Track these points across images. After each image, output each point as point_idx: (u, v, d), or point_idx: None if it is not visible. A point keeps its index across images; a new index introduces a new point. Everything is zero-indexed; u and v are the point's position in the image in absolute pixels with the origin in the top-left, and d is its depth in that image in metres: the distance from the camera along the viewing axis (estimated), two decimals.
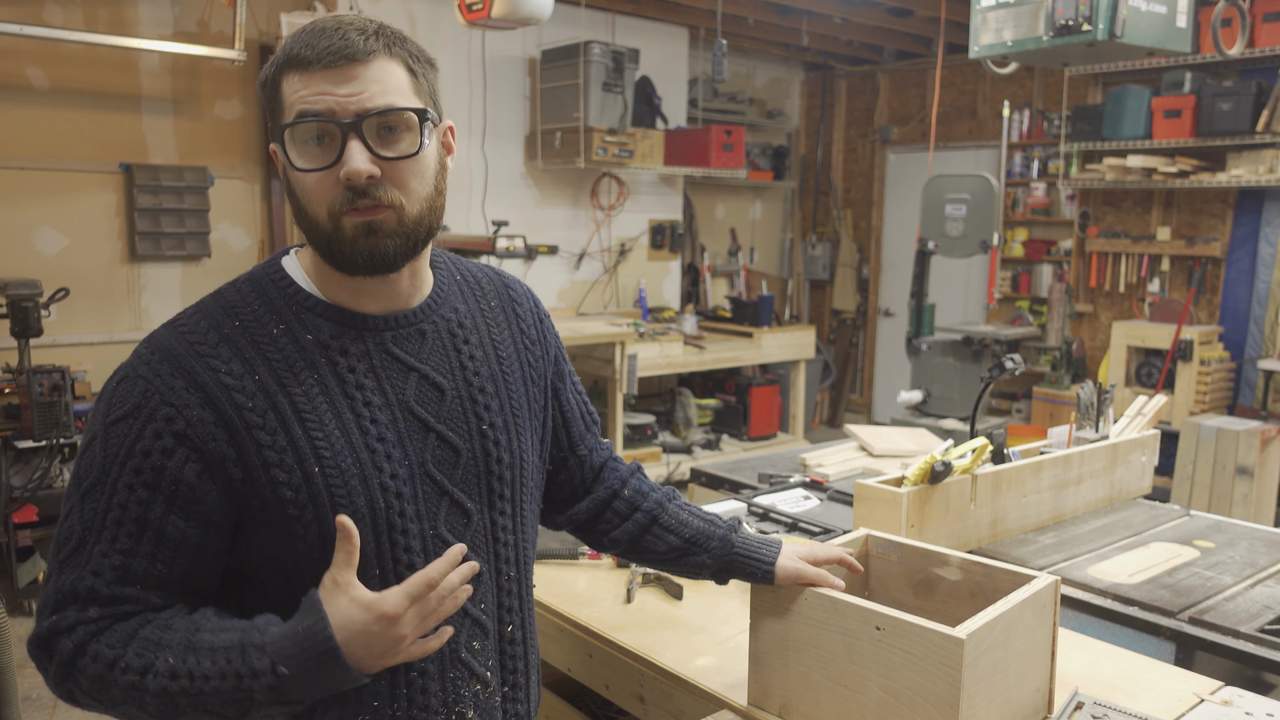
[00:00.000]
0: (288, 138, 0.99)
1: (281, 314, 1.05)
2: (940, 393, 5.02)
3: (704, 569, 1.36)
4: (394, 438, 1.06)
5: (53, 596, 0.98)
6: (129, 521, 0.96)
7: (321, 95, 0.98)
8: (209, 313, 1.04)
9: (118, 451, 0.97)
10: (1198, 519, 2.28)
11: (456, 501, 1.10)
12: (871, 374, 7.92)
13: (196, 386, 0.98)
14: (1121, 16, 2.63)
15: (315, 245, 1.04)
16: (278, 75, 1.01)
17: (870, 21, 6.15)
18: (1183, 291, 5.76)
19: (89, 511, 0.97)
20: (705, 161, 5.95)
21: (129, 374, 1.00)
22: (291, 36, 1.01)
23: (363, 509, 1.02)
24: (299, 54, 0.99)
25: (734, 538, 1.35)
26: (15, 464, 4.01)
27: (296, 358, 1.03)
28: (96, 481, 0.97)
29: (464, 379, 1.13)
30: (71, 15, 4.71)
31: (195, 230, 5.11)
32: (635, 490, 1.39)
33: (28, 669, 3.50)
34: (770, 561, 1.32)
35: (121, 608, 0.97)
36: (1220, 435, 4.88)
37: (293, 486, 0.99)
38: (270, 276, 1.08)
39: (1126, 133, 5.51)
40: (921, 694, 1.16)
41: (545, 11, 3.72)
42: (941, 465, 1.81)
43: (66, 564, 0.98)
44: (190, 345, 1.01)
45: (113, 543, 0.96)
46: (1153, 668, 1.50)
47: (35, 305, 4.01)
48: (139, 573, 0.97)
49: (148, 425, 0.97)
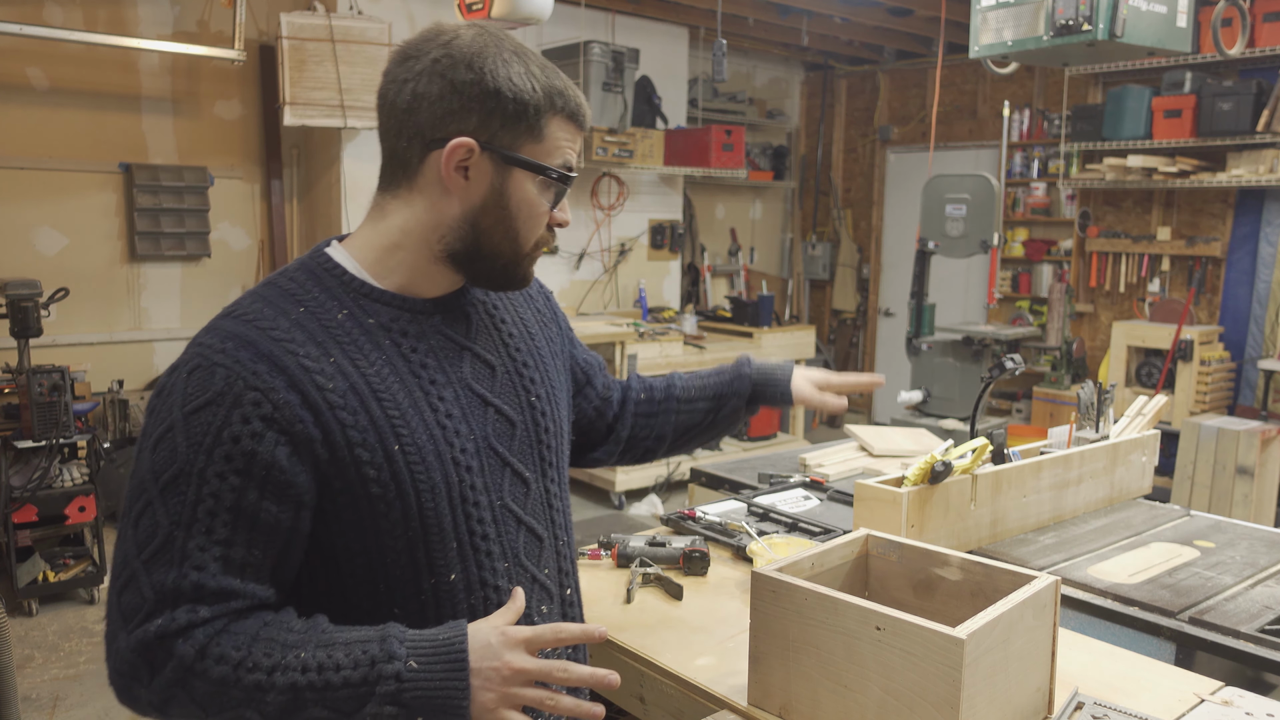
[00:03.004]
0: (540, 174, 1.07)
1: (341, 300, 1.06)
2: (940, 393, 5.02)
3: (739, 412, 1.55)
4: (459, 413, 1.09)
5: (150, 597, 0.94)
6: (224, 511, 0.95)
7: (575, 155, 1.12)
8: (270, 301, 1.04)
9: (203, 439, 0.95)
10: (1198, 519, 2.27)
11: (516, 472, 1.15)
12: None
13: (279, 370, 0.98)
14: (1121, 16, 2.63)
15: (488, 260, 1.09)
16: (549, 110, 1.06)
17: (870, 21, 6.15)
18: (1183, 291, 5.76)
19: (174, 505, 0.95)
20: (705, 161, 5.95)
21: (201, 363, 0.98)
22: (558, 84, 1.07)
23: (439, 484, 1.05)
24: (578, 111, 1.09)
25: (748, 371, 1.54)
26: (15, 464, 4.01)
27: (364, 340, 1.04)
28: (181, 472, 0.95)
29: (508, 355, 1.18)
30: (71, 15, 4.71)
31: (195, 230, 5.12)
32: (647, 387, 1.55)
33: (27, 669, 3.50)
34: (785, 382, 1.53)
35: (230, 604, 0.96)
36: (1220, 435, 4.88)
37: (375, 465, 1.01)
38: (322, 265, 1.09)
39: (1127, 133, 5.51)
40: (922, 694, 1.16)
41: (545, 11, 3.72)
42: (941, 465, 1.81)
43: (155, 562, 0.94)
44: (263, 331, 1.00)
45: (209, 534, 0.95)
46: (1153, 668, 1.50)
47: (35, 305, 4.01)
48: (239, 563, 0.96)
49: (234, 411, 0.95)
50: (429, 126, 1.03)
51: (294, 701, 0.93)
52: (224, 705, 0.94)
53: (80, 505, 4.06)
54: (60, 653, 3.65)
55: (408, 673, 0.93)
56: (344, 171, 5.10)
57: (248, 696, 0.93)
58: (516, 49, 1.05)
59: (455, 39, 1.04)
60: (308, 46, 4.68)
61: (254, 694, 0.93)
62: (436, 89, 1.02)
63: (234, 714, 0.95)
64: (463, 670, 0.94)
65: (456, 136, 1.03)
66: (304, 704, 0.93)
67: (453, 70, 1.02)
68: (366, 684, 0.93)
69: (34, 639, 3.75)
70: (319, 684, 0.93)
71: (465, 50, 1.03)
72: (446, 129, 1.03)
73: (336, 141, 5.09)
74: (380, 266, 1.09)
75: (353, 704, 0.93)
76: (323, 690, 0.93)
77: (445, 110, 1.03)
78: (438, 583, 1.06)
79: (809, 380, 1.54)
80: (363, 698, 0.93)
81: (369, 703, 0.93)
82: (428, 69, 1.03)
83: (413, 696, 0.93)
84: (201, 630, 0.94)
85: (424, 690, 0.93)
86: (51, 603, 4.09)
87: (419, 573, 1.05)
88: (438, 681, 0.94)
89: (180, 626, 0.93)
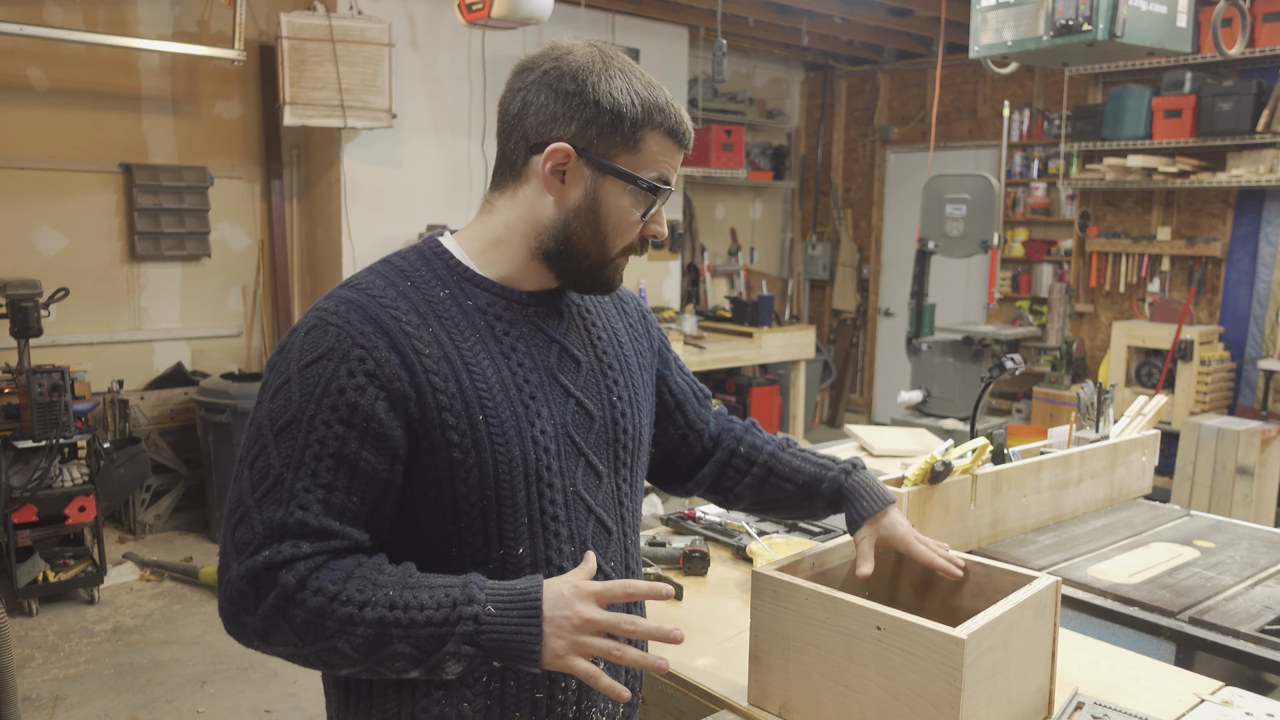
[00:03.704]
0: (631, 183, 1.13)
1: (445, 281, 1.15)
2: (940, 393, 5.02)
3: (819, 511, 1.49)
4: (542, 397, 1.15)
5: (261, 531, 1.02)
6: (328, 456, 1.03)
7: (673, 171, 1.17)
8: (382, 274, 1.13)
9: (314, 390, 1.04)
10: (1198, 519, 2.27)
11: (590, 463, 1.20)
12: (871, 374, 7.92)
13: (383, 332, 1.07)
14: (1121, 16, 2.63)
15: (576, 262, 1.16)
16: (646, 123, 1.12)
17: (870, 21, 6.15)
18: (1183, 291, 5.76)
19: (286, 448, 1.04)
20: (705, 161, 5.95)
21: (318, 323, 1.07)
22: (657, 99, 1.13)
23: (517, 458, 1.11)
24: (678, 128, 1.15)
25: (846, 482, 1.44)
26: (15, 464, 4.01)
27: (460, 318, 1.13)
28: (293, 419, 1.04)
29: (595, 355, 1.24)
30: (71, 15, 4.71)
31: (195, 230, 5.11)
32: (750, 446, 1.51)
33: (27, 669, 3.50)
34: (862, 517, 1.41)
35: (329, 543, 1.03)
36: (1220, 435, 4.88)
37: (459, 431, 1.08)
38: (433, 250, 1.18)
39: (1127, 133, 5.50)
40: (922, 694, 1.16)
41: (545, 11, 3.72)
42: (941, 465, 1.81)
43: (266, 500, 1.03)
44: (372, 298, 1.09)
45: (314, 477, 1.03)
46: (1153, 668, 1.50)
47: (35, 305, 4.01)
48: (339, 506, 1.04)
49: (342, 365, 1.04)
50: (533, 131, 1.12)
51: (381, 635, 1.00)
52: (319, 635, 1.01)
53: (80, 505, 4.06)
54: (60, 653, 3.65)
55: (486, 616, 1.00)
56: (344, 171, 5.10)
57: (340, 627, 1.00)
58: (625, 67, 1.13)
59: (568, 54, 1.12)
60: (308, 46, 4.68)
61: (345, 626, 1.00)
62: (543, 98, 1.12)
63: (327, 644, 1.01)
64: (536, 617, 1.01)
65: (556, 142, 1.11)
66: (390, 639, 1.00)
67: (559, 81, 1.11)
68: (447, 624, 0.99)
69: (34, 639, 3.75)
70: (404, 621, 1.00)
71: (574, 64, 1.11)
72: (548, 134, 1.12)
73: (336, 141, 5.09)
74: (484, 257, 1.17)
75: (434, 642, 1.00)
76: (408, 627, 0.99)
77: (549, 117, 1.12)
78: (506, 554, 1.12)
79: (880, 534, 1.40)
80: (443, 637, 1.00)
81: (449, 641, 1.00)
82: (538, 80, 1.12)
83: (489, 639, 1.00)
84: (304, 564, 1.01)
85: (500, 633, 1.00)
86: (51, 603, 4.09)
87: (489, 542, 1.11)
88: (513, 626, 1.00)
89: (285, 558, 1.01)
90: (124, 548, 4.70)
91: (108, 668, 3.54)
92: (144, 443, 4.70)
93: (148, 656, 3.63)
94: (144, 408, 4.91)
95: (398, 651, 1.00)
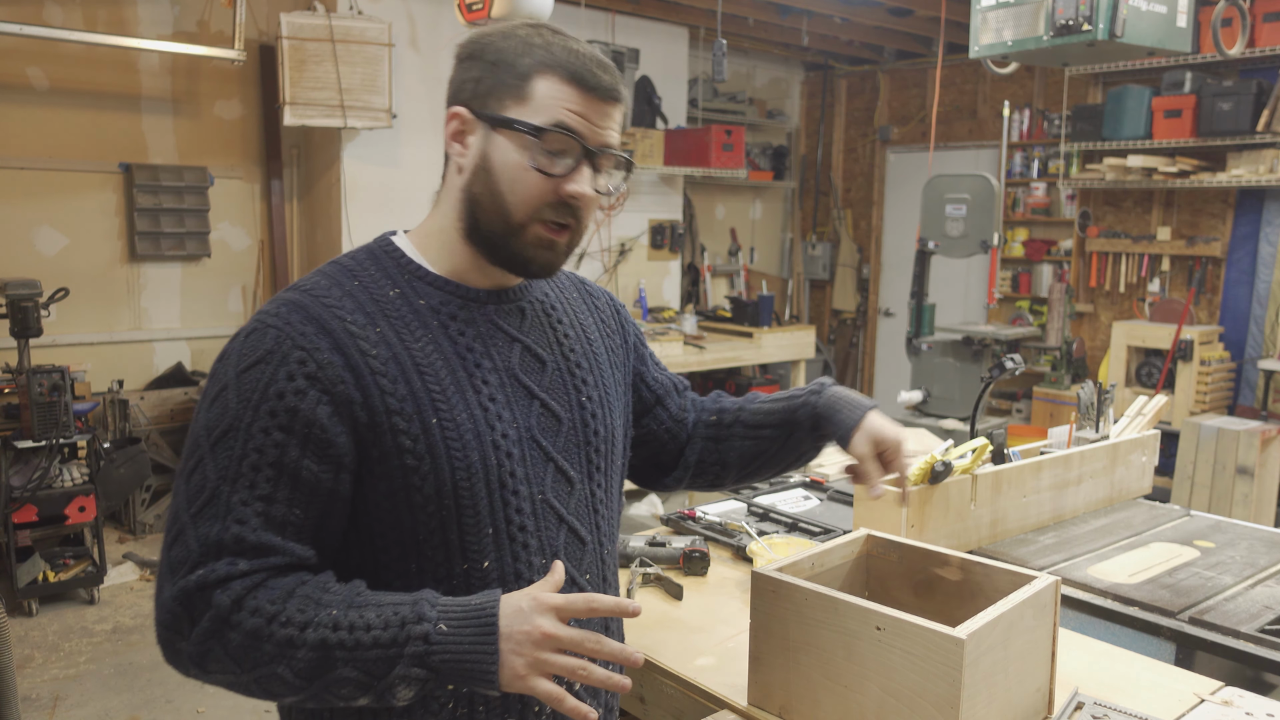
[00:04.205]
0: (527, 135, 1.04)
1: (395, 280, 1.09)
2: (940, 393, 5.02)
3: (804, 443, 1.40)
4: (503, 399, 1.09)
5: (195, 549, 0.96)
6: (266, 466, 0.97)
7: (582, 119, 1.05)
8: (328, 274, 1.09)
9: (251, 396, 0.98)
10: (1198, 519, 2.27)
11: (561, 469, 1.14)
12: (871, 374, 7.92)
13: (325, 332, 1.01)
14: (1121, 16, 2.63)
15: (486, 234, 1.08)
16: (534, 70, 1.05)
17: (870, 21, 6.15)
18: (1183, 291, 5.76)
19: (223, 459, 0.97)
20: (705, 161, 5.95)
21: (257, 326, 1.02)
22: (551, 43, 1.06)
23: (476, 464, 1.04)
24: (578, 71, 1.05)
25: (819, 401, 1.37)
26: (15, 464, 4.01)
27: (411, 318, 1.07)
28: (229, 428, 0.98)
29: (561, 354, 1.19)
30: (71, 15, 4.71)
31: (195, 230, 5.11)
32: (720, 410, 1.46)
33: (27, 669, 3.50)
34: (849, 426, 1.32)
35: (269, 560, 0.97)
36: (1220, 435, 4.88)
37: (412, 436, 1.02)
38: (383, 249, 1.13)
39: (1127, 133, 5.50)
40: (922, 694, 1.16)
41: (545, 11, 3.72)
42: (941, 465, 1.81)
43: (202, 516, 0.96)
44: (315, 298, 1.04)
45: (251, 489, 0.97)
46: (1153, 668, 1.50)
47: (35, 305, 4.01)
48: (280, 520, 0.97)
49: (280, 368, 0.99)
50: (446, 106, 1.10)
51: (324, 659, 0.93)
52: (257, 660, 0.94)
53: (80, 505, 4.06)
54: (60, 653, 3.65)
55: (437, 635, 0.93)
56: (344, 171, 5.09)
57: (279, 651, 0.93)
58: (535, 31, 1.08)
59: (488, 32, 1.10)
60: (308, 46, 4.68)
61: (285, 649, 0.93)
62: (453, 72, 1.10)
63: (266, 670, 0.94)
64: (492, 635, 0.93)
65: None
66: (334, 662, 0.93)
67: (463, 51, 1.09)
68: (396, 644, 0.92)
69: (34, 639, 3.75)
70: (349, 643, 0.92)
71: (483, 35, 1.09)
72: (452, 104, 1.09)
73: (336, 141, 5.09)
74: (433, 253, 1.13)
75: (382, 665, 0.93)
76: (353, 649, 0.92)
77: (455, 88, 1.09)
78: (470, 569, 1.05)
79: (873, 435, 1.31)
80: (392, 659, 0.92)
81: (398, 664, 0.92)
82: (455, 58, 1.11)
83: (441, 660, 0.93)
84: (239, 582, 0.95)
85: (453, 653, 0.93)
86: (51, 603, 4.09)
87: (451, 555, 1.05)
88: (467, 645, 0.93)
89: (219, 577, 0.94)
90: (124, 548, 4.70)
91: (108, 668, 3.54)
92: (144, 443, 4.70)
93: (148, 656, 3.63)
94: (144, 408, 4.91)
95: (343, 676, 0.93)
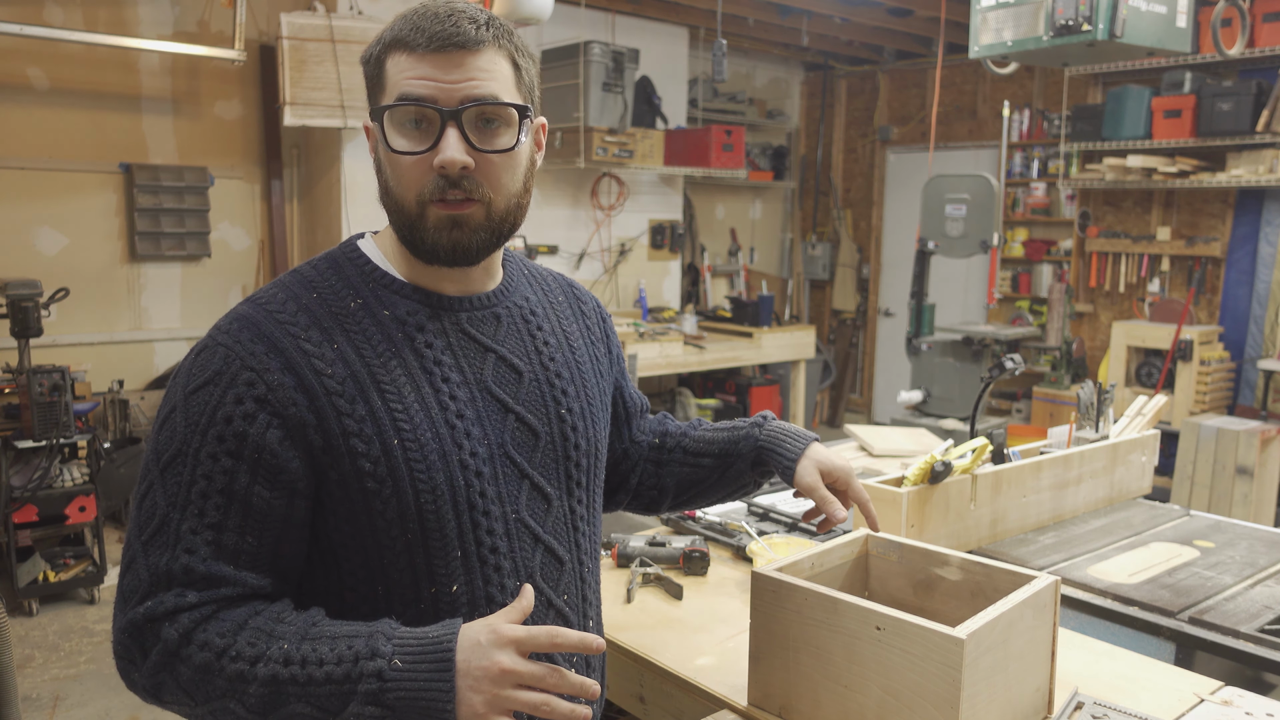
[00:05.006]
0: (387, 118, 0.99)
1: (359, 289, 1.04)
2: (940, 393, 5.02)
3: (744, 475, 1.36)
4: (473, 415, 1.04)
5: (145, 580, 0.93)
6: (215, 493, 0.93)
7: (426, 80, 0.97)
8: (286, 286, 1.04)
9: (199, 420, 0.94)
10: (1198, 519, 2.27)
11: (537, 485, 1.09)
12: (871, 374, 7.92)
13: (276, 351, 0.96)
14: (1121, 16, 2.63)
15: (398, 229, 1.04)
16: (383, 54, 1.01)
17: (870, 21, 6.15)
18: (1183, 291, 5.76)
19: (171, 486, 0.94)
20: (705, 161, 5.95)
21: (208, 344, 0.98)
22: (401, 17, 1.01)
23: (442, 486, 1.00)
24: (407, 36, 0.98)
25: (761, 435, 1.35)
26: (15, 464, 4.01)
27: (374, 331, 1.02)
28: (177, 453, 0.94)
29: (540, 363, 1.13)
30: (71, 15, 4.71)
31: (195, 230, 5.12)
32: (664, 433, 1.43)
33: (27, 669, 3.50)
34: (793, 458, 1.30)
35: (219, 591, 0.93)
36: (1220, 435, 4.88)
37: (371, 458, 0.97)
38: (347, 255, 1.07)
39: (1126, 133, 5.51)
40: (921, 694, 1.16)
41: (545, 11, 3.72)
42: (941, 465, 1.81)
43: (152, 544, 0.93)
44: (269, 314, 0.99)
45: (200, 517, 0.93)
46: (1153, 668, 1.50)
47: (35, 305, 4.01)
48: (231, 548, 0.94)
49: (229, 391, 0.94)
50: None
51: (275, 695, 0.89)
52: (209, 694, 0.91)
53: (80, 505, 4.06)
54: (60, 653, 3.65)
55: (391, 672, 0.89)
56: (344, 171, 5.09)
57: (230, 686, 0.90)
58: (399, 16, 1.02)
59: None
60: (308, 46, 4.68)
61: (236, 684, 0.90)
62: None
63: (219, 704, 0.92)
64: (448, 670, 0.89)
65: None
66: (285, 698, 0.89)
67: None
68: (349, 681, 0.89)
69: (34, 639, 3.75)
70: (301, 678, 0.89)
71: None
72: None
73: (336, 141, 5.09)
74: (398, 258, 1.08)
75: (335, 701, 0.89)
76: (305, 685, 0.89)
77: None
78: (439, 593, 1.01)
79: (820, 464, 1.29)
80: (345, 695, 0.89)
81: (351, 701, 0.89)
82: None
83: (396, 697, 0.88)
84: (188, 615, 0.92)
85: (407, 691, 0.88)
86: (51, 603, 4.09)
87: (418, 579, 1.01)
88: (422, 682, 0.89)
89: (167, 610, 0.91)
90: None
91: (108, 668, 3.54)
92: (144, 442, 4.70)
93: None
94: (144, 408, 4.91)
95: (296, 712, 0.90)
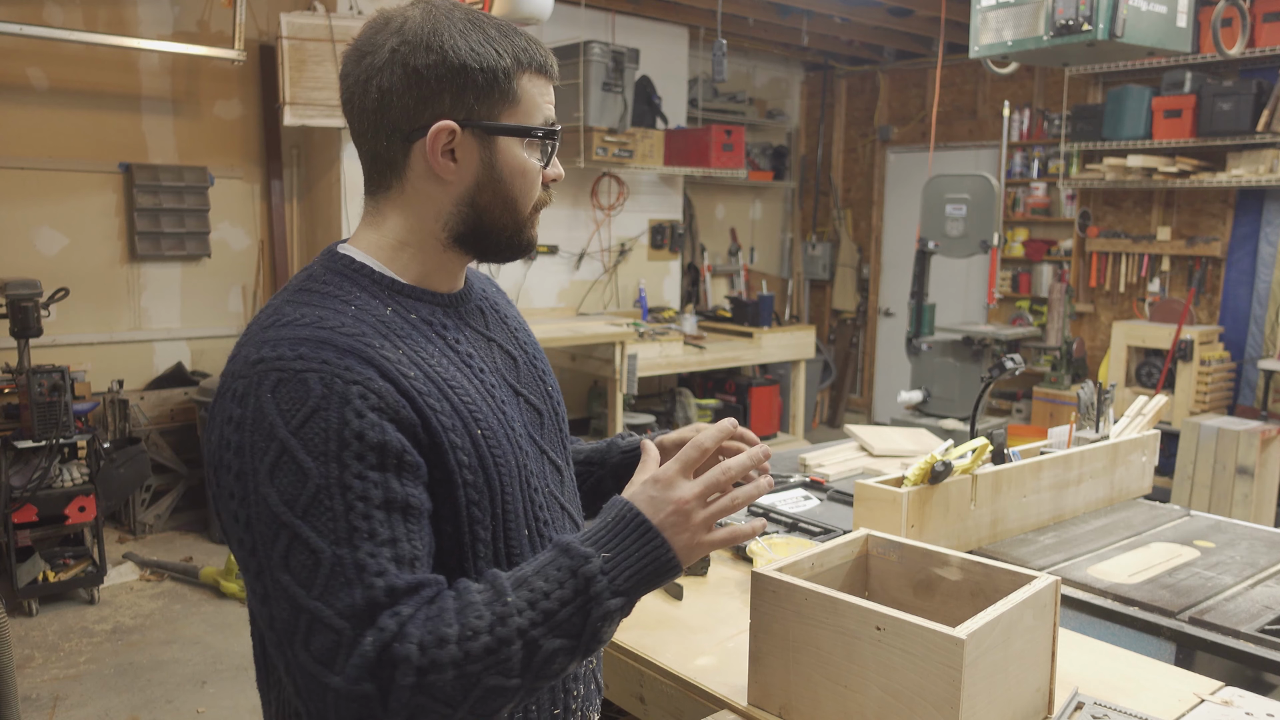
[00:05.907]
0: (526, 136, 1.04)
1: (381, 298, 1.03)
2: (940, 393, 5.02)
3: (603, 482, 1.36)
4: (509, 400, 1.09)
5: (345, 626, 0.86)
6: (376, 510, 0.90)
7: (550, 106, 1.07)
8: (316, 305, 0.99)
9: (326, 449, 0.89)
10: (1198, 519, 2.27)
11: (552, 460, 1.15)
12: (871, 374, 7.92)
13: (367, 362, 0.93)
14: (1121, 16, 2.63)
15: (492, 235, 1.07)
16: (518, 69, 1.03)
17: (870, 21, 6.15)
18: (1183, 291, 5.76)
19: (324, 526, 0.88)
20: (705, 161, 5.95)
21: (284, 376, 0.91)
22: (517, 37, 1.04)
23: (513, 467, 1.04)
24: (545, 62, 1.05)
25: (622, 442, 1.37)
26: (15, 464, 4.01)
27: (413, 333, 1.02)
28: (318, 491, 0.88)
29: (521, 348, 1.19)
30: (71, 15, 4.71)
31: (195, 230, 5.12)
32: None
33: (27, 669, 3.50)
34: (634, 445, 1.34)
35: (423, 594, 0.91)
36: (1220, 435, 4.88)
37: (466, 451, 0.99)
38: (350, 267, 1.05)
39: (1127, 133, 5.51)
40: (921, 694, 1.16)
41: (545, 11, 3.72)
42: (941, 465, 1.81)
43: (330, 592, 0.87)
44: (332, 330, 0.95)
45: (372, 539, 0.89)
46: (1153, 668, 1.50)
47: (35, 305, 4.01)
48: (409, 557, 0.91)
49: (345, 409, 0.90)
50: (404, 120, 1.00)
51: (530, 646, 0.90)
52: (468, 686, 0.88)
53: (80, 505, 4.06)
54: (60, 653, 3.65)
55: (607, 564, 0.93)
56: (344, 171, 5.09)
57: (486, 664, 0.88)
58: (469, 16, 1.02)
59: (406, 23, 1.00)
60: (308, 46, 4.68)
61: (489, 658, 0.88)
62: (400, 80, 0.99)
63: (479, 690, 0.89)
64: (650, 529, 0.95)
65: (434, 122, 1.00)
66: (538, 644, 0.90)
67: (412, 56, 0.98)
68: (580, 594, 0.92)
69: (34, 639, 3.75)
70: (539, 618, 0.90)
71: (419, 32, 0.99)
72: (422, 118, 1.00)
73: (336, 141, 5.09)
74: (395, 265, 1.06)
75: (579, 619, 0.92)
76: (548, 621, 0.91)
77: (416, 99, 0.99)
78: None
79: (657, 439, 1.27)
80: (585, 609, 0.92)
81: (592, 609, 0.92)
82: (387, 62, 0.99)
83: (626, 580, 0.93)
84: (413, 627, 0.88)
85: (632, 568, 0.94)
86: (51, 603, 4.09)
87: (499, 564, 1.03)
88: (638, 554, 0.94)
89: (393, 633, 0.87)
90: (124, 548, 4.70)
91: (108, 668, 3.54)
92: (144, 443, 4.70)
93: (148, 656, 3.63)
94: (144, 408, 4.91)
95: (552, 650, 0.91)
